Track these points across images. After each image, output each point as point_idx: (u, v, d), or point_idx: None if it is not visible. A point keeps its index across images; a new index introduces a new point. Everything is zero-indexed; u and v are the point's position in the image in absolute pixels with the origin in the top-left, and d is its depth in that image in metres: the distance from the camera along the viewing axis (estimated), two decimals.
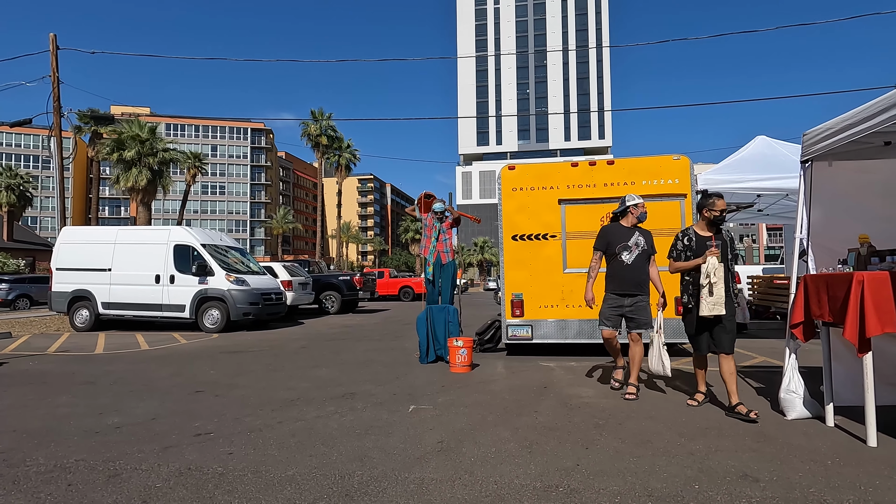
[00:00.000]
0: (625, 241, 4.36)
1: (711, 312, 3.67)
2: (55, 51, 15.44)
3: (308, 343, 8.54)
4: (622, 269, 4.33)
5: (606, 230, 4.49)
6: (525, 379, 5.16)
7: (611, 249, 4.39)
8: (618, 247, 4.37)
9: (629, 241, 4.35)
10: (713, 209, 3.83)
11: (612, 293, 4.38)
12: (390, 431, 3.38)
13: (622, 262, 4.34)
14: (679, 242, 3.97)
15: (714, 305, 3.66)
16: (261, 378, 5.45)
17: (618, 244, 4.37)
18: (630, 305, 4.32)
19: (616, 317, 4.38)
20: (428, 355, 6.23)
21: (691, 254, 3.88)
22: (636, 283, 4.32)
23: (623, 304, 4.33)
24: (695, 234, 3.93)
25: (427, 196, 7.06)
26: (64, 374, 5.88)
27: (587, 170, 6.49)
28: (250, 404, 4.22)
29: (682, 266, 3.91)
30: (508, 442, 3.15)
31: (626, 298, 4.32)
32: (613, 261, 4.39)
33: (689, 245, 3.91)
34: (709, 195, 3.89)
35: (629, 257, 4.33)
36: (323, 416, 3.81)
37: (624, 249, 4.35)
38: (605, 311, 4.40)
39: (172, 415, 3.90)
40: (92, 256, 11.06)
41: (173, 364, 6.49)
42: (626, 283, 4.32)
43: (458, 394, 4.52)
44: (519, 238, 6.58)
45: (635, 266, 4.32)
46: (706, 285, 3.67)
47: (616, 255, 4.37)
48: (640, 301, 4.32)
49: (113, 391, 4.86)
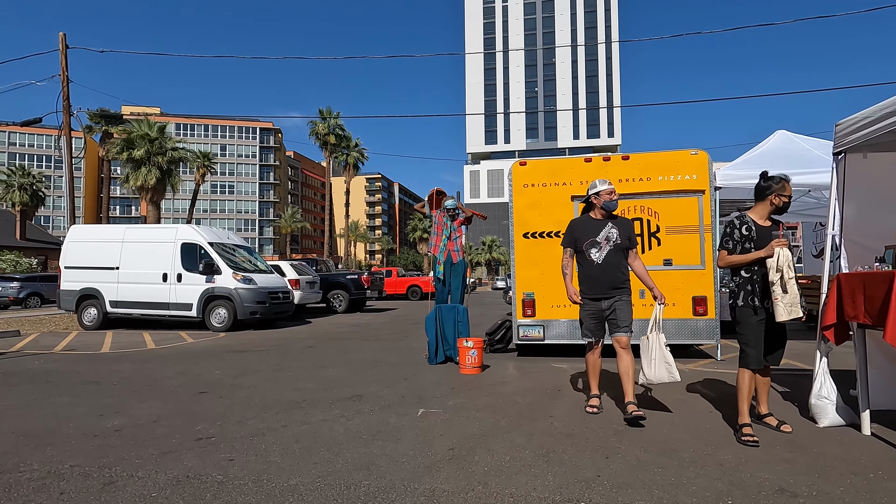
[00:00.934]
0: (592, 237, 3.77)
1: (790, 315, 3.02)
2: (64, 49, 15.51)
3: (315, 342, 8.42)
4: (592, 268, 3.76)
5: (572, 224, 3.93)
6: (537, 381, 4.98)
7: (578, 246, 3.83)
8: (585, 243, 3.78)
9: (598, 235, 3.76)
10: (783, 194, 3.21)
11: (586, 297, 3.78)
12: (398, 437, 3.23)
13: (591, 260, 3.76)
14: (736, 232, 3.26)
15: (791, 306, 3.03)
16: (266, 378, 5.33)
17: (585, 240, 3.78)
18: (608, 308, 3.73)
19: (596, 323, 3.79)
20: (437, 356, 6.08)
21: (751, 245, 3.21)
22: (609, 284, 3.71)
23: (600, 307, 3.74)
24: (753, 222, 3.25)
25: (439, 193, 6.90)
26: (69, 373, 5.81)
27: (601, 165, 6.30)
28: (254, 406, 4.09)
29: (743, 259, 3.20)
30: (523, 449, 2.98)
31: (603, 301, 3.74)
32: (583, 259, 3.82)
33: (749, 235, 3.23)
34: (775, 178, 3.23)
35: (599, 255, 3.73)
36: (329, 419, 3.67)
37: (592, 246, 3.76)
38: (583, 318, 3.83)
39: (174, 416, 3.78)
40: (100, 255, 11.05)
41: (179, 363, 6.40)
42: (598, 284, 3.72)
43: (469, 396, 4.36)
44: (530, 236, 6.40)
45: (607, 264, 3.72)
46: (777, 282, 3.02)
47: (584, 253, 3.79)
48: (619, 300, 3.72)
49: (116, 391, 4.76)
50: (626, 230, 3.82)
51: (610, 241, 3.76)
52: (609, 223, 3.79)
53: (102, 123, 29.30)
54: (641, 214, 6.19)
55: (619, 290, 3.74)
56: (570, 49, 76.93)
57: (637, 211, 6.18)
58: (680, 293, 6.01)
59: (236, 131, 79.45)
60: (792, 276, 3.03)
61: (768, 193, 3.26)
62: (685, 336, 6.04)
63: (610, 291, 3.73)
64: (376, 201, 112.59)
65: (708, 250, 6.06)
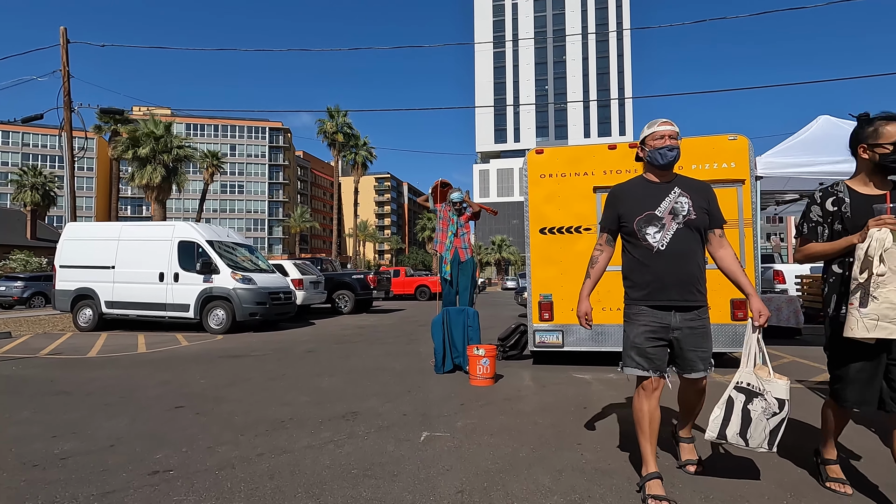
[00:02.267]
0: (648, 209, 2.37)
1: (870, 334, 2.02)
2: (65, 44, 15.17)
3: (316, 346, 7.89)
4: (650, 258, 2.35)
5: (616, 193, 2.52)
6: (559, 395, 4.38)
7: (626, 226, 2.43)
8: (637, 219, 2.38)
9: (657, 206, 2.37)
10: (877, 143, 2.14)
11: (644, 304, 2.37)
12: (395, 472, 2.65)
13: (648, 246, 2.36)
14: (815, 210, 2.32)
15: (877, 321, 2.01)
16: (256, 389, 4.79)
17: (637, 214, 2.39)
18: (680, 326, 2.32)
19: (657, 347, 2.33)
20: (444, 364, 5.49)
21: (843, 226, 2.22)
22: (680, 284, 2.31)
23: (667, 322, 2.33)
24: (848, 191, 2.25)
25: (443, 185, 6.31)
26: (43, 381, 5.32)
27: (627, 153, 5.66)
28: (233, 426, 3.54)
29: (826, 250, 2.25)
30: (550, 493, 2.38)
31: (673, 314, 2.32)
32: (634, 245, 2.43)
33: (838, 211, 2.23)
34: (867, 119, 2.22)
35: (660, 237, 2.34)
36: (315, 445, 3.10)
37: (649, 223, 2.37)
38: (635, 338, 2.36)
39: (137, 440, 3.24)
40: (95, 253, 10.63)
41: (167, 370, 5.89)
42: (662, 283, 2.32)
43: (481, 415, 3.77)
44: (548, 231, 5.79)
45: (674, 252, 2.32)
46: (860, 281, 2.06)
47: (635, 235, 2.40)
48: (698, 317, 2.34)
49: (85, 404, 4.25)
50: (703, 197, 2.39)
51: (678, 214, 2.34)
52: (675, 188, 2.40)
53: (112, 122, 29.20)
54: None
55: (695, 296, 2.33)
56: (580, 47, 75.87)
57: None
58: (717, 295, 5.34)
59: (246, 131, 79.59)
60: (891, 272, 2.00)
61: (855, 145, 2.25)
62: (722, 343, 5.39)
63: (683, 297, 2.31)
64: (385, 201, 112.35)
65: (748, 247, 5.40)
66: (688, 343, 2.33)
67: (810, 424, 3.35)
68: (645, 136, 2.46)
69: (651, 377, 2.33)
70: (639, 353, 2.35)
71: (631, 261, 2.46)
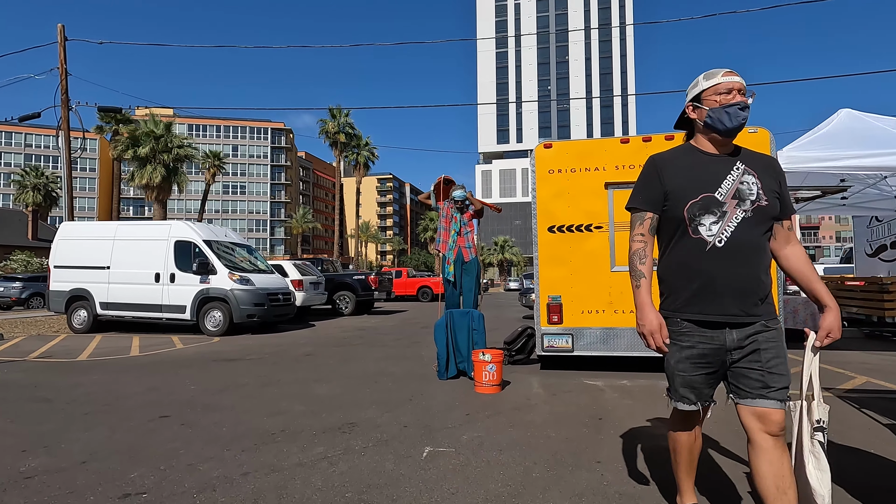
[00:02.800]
0: (707, 191, 1.76)
1: None
2: (63, 42, 14.98)
3: (315, 349, 7.62)
4: (704, 257, 1.74)
5: (660, 162, 1.88)
6: (570, 404, 4.08)
7: (673, 211, 1.80)
8: (691, 204, 1.76)
9: (720, 187, 1.75)
10: None
11: (687, 318, 1.78)
12: (394, 496, 2.36)
13: (702, 241, 1.75)
14: None
15: None
16: (247, 396, 4.51)
17: (691, 198, 1.77)
18: (739, 346, 1.73)
19: (705, 375, 1.80)
20: (448, 370, 5.21)
21: None
22: (745, 291, 1.72)
23: (721, 342, 1.75)
24: None
25: (446, 181, 6.03)
26: (25, 387, 5.06)
27: (640, 147, 5.37)
28: (219, 439, 3.26)
29: None
30: None
31: (729, 331, 1.74)
32: (679, 239, 1.81)
33: None
34: None
35: (721, 228, 1.73)
36: (307, 462, 2.82)
37: (707, 209, 1.75)
38: (678, 364, 1.81)
39: (112, 455, 2.97)
40: (90, 253, 10.39)
41: (156, 375, 5.62)
42: (719, 291, 1.73)
43: (488, 427, 3.48)
44: (556, 230, 5.50)
45: (738, 249, 1.72)
46: None
47: (685, 226, 1.78)
48: (766, 329, 1.73)
49: (64, 413, 3.98)
50: (773, 177, 1.80)
51: (744, 200, 1.73)
52: (739, 164, 1.78)
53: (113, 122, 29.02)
54: None
55: (758, 309, 1.73)
56: (583, 47, 75.53)
57: None
58: None
59: (248, 132, 79.50)
60: None
61: None
62: None
63: (743, 310, 1.72)
64: (388, 202, 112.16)
65: None
66: (752, 360, 1.71)
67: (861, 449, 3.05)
68: (702, 89, 1.81)
69: (694, 407, 1.84)
70: (685, 384, 1.81)
71: (672, 259, 1.82)
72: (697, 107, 1.84)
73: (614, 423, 3.52)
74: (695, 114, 1.86)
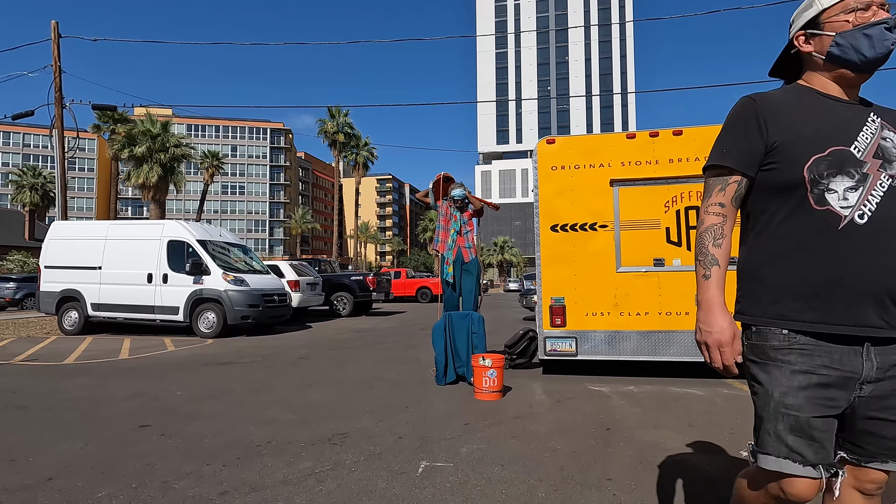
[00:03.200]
0: (839, 143, 1.20)
1: None
2: (57, 39, 14.75)
3: (310, 352, 7.40)
4: (834, 238, 1.18)
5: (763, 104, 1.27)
6: (576, 412, 3.86)
7: (786, 171, 1.22)
8: (814, 160, 1.19)
9: (855, 139, 1.21)
10: None
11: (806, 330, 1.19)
12: None
13: (830, 214, 1.18)
14: None
15: None
16: (236, 403, 4.29)
17: (816, 152, 1.20)
18: (877, 379, 1.17)
19: (826, 421, 1.17)
20: (447, 375, 4.98)
21: None
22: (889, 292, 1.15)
23: (852, 369, 1.17)
24: None
25: (446, 179, 5.81)
26: (4, 392, 4.83)
27: (647, 142, 5.16)
28: (199, 452, 3.04)
29: None
30: None
31: (867, 350, 1.17)
32: (794, 212, 1.22)
33: None
34: None
35: (860, 198, 1.18)
36: (291, 479, 2.59)
37: (839, 170, 1.18)
38: (787, 395, 1.18)
39: (83, 471, 2.74)
40: (81, 253, 10.16)
41: (142, 380, 5.40)
42: (858, 289, 1.16)
43: (488, 437, 3.26)
44: (560, 228, 5.28)
45: (887, 231, 1.16)
46: None
47: (804, 192, 1.20)
48: None
49: (39, 423, 3.76)
50: None
51: (891, 161, 1.21)
52: (873, 114, 1.26)
53: (111, 122, 28.77)
54: (698, 202, 5.04)
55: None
56: (583, 47, 75.39)
57: (693, 198, 5.03)
58: None
59: (247, 132, 79.30)
60: None
61: None
62: None
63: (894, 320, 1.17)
64: (387, 202, 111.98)
65: None
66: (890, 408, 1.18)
67: None
68: (823, 8, 1.27)
69: (818, 474, 1.15)
70: (795, 429, 1.16)
71: (774, 245, 1.25)
72: (815, 34, 1.29)
73: (623, 435, 3.29)
74: (811, 45, 1.30)
